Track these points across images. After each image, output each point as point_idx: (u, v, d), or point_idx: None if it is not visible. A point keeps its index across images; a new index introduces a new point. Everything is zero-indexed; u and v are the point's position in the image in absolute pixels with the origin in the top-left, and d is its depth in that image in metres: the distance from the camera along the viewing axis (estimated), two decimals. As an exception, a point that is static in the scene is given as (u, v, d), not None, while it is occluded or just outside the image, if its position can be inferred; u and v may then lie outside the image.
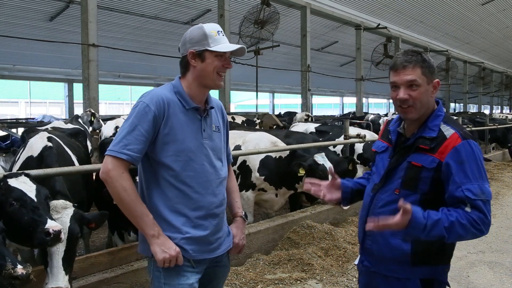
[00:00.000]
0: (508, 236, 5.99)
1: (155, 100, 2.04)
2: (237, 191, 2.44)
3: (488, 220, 1.82)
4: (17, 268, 2.14)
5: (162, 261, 2.01)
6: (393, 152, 2.05)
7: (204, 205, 2.11)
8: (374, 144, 2.23)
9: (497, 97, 42.15)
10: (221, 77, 2.14)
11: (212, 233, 2.14)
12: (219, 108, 2.31)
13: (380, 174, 2.06)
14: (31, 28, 15.89)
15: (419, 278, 1.96)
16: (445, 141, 1.90)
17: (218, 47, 2.07)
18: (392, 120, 2.20)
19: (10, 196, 2.63)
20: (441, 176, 1.88)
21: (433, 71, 1.96)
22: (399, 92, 1.95)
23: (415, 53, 1.97)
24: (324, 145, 6.58)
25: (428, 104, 1.98)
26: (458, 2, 21.01)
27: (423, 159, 1.92)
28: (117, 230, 4.30)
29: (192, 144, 2.08)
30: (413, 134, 2.00)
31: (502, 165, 11.87)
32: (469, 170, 1.85)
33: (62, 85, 25.55)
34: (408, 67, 1.93)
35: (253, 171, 5.44)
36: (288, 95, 40.40)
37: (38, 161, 3.44)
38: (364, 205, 2.12)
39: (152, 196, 2.09)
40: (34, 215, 2.56)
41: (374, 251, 2.04)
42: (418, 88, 1.92)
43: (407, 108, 1.95)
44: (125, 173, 1.99)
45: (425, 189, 1.91)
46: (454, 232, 1.80)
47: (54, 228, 2.46)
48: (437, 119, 1.97)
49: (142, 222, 2.01)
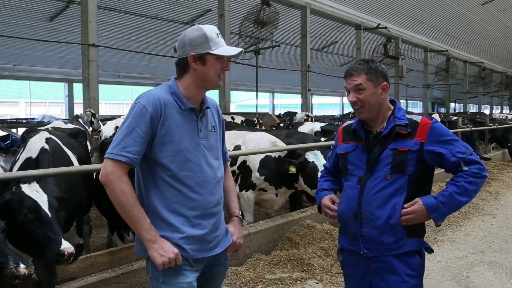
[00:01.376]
0: (508, 236, 5.99)
1: (152, 101, 2.04)
2: (233, 191, 2.45)
3: (482, 165, 2.19)
4: (20, 267, 2.15)
5: (161, 265, 2.02)
6: (366, 146, 2.29)
7: (202, 205, 2.11)
8: (340, 148, 2.44)
9: (497, 97, 42.14)
10: (221, 78, 2.17)
11: (210, 232, 2.15)
12: (215, 107, 2.32)
13: (360, 168, 2.29)
14: (31, 28, 15.88)
15: (414, 249, 2.22)
16: (418, 125, 2.22)
17: (220, 50, 2.08)
18: (349, 124, 2.46)
19: (24, 204, 2.64)
20: (424, 157, 2.19)
21: (380, 75, 2.24)
22: (349, 96, 2.27)
23: (363, 62, 2.28)
24: (324, 145, 6.58)
25: (379, 104, 2.27)
26: (458, 2, 21.01)
27: (406, 144, 2.20)
28: (116, 230, 4.31)
29: (189, 145, 2.09)
30: (383, 127, 2.27)
31: (502, 165, 11.88)
32: (449, 139, 2.20)
33: (62, 85, 25.57)
34: (354, 74, 2.24)
35: (253, 171, 5.44)
36: (288, 95, 40.40)
37: (37, 163, 3.44)
38: (350, 197, 2.29)
39: (150, 196, 2.10)
40: (48, 231, 2.58)
41: (372, 236, 2.22)
42: (363, 91, 2.23)
43: (359, 109, 2.26)
44: (124, 176, 2.00)
45: (412, 170, 2.20)
46: (468, 191, 2.14)
47: (68, 250, 2.51)
48: (400, 111, 2.30)
49: (139, 226, 2.01)
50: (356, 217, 2.24)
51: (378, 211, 2.20)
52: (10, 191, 2.76)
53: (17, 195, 2.70)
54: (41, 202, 2.70)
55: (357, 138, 2.35)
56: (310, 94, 17.45)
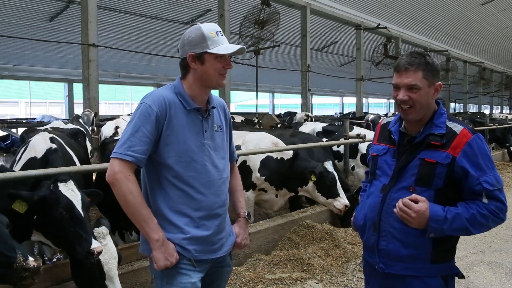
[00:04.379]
0: (508, 236, 5.99)
1: (157, 101, 2.04)
2: (241, 190, 2.43)
3: (505, 206, 1.92)
4: (29, 260, 2.22)
5: (163, 267, 2.02)
6: (397, 151, 2.07)
7: (206, 205, 2.10)
8: (372, 148, 2.25)
9: (497, 97, 42.15)
10: (223, 77, 2.13)
11: (214, 233, 2.14)
12: (221, 106, 2.30)
13: (387, 174, 2.08)
14: (31, 28, 15.88)
15: (441, 275, 2.00)
16: (456, 137, 1.96)
17: (217, 49, 2.06)
18: (388, 123, 2.23)
19: (60, 202, 2.77)
20: (454, 172, 1.94)
21: (436, 74, 2.00)
22: (400, 93, 2.00)
23: (419, 56, 1.99)
24: (325, 145, 6.59)
25: (429, 106, 2.02)
26: (458, 2, 21.00)
27: (437, 155, 1.96)
28: (118, 230, 4.31)
29: (194, 145, 2.08)
30: (419, 133, 2.03)
31: (502, 165, 11.89)
32: (483, 163, 1.93)
33: (62, 85, 25.56)
34: (410, 69, 1.96)
35: (253, 171, 5.44)
36: (288, 95, 40.40)
37: (42, 163, 3.44)
38: (371, 206, 2.10)
39: (155, 196, 2.10)
40: (81, 230, 2.72)
41: (391, 251, 2.03)
42: (418, 91, 1.97)
43: (408, 109, 2.00)
44: (131, 176, 1.99)
45: (440, 185, 1.96)
46: (476, 222, 1.90)
47: (97, 250, 2.65)
48: (442, 117, 2.03)
49: (147, 226, 2.01)
50: (375, 228, 2.07)
51: (398, 224, 1.99)
52: (47, 188, 2.85)
53: (54, 193, 2.80)
54: (75, 201, 2.81)
55: (391, 141, 2.12)
56: (310, 94, 17.45)
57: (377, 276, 2.12)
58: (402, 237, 2.00)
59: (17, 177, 3.03)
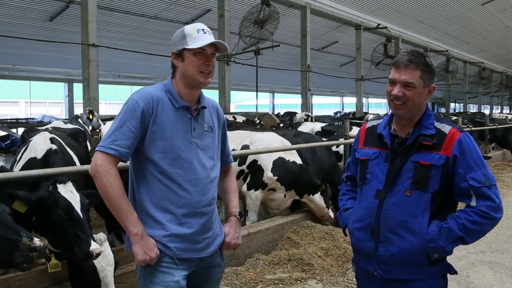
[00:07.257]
0: (508, 236, 5.99)
1: (144, 97, 2.06)
2: (235, 191, 2.42)
3: (496, 203, 1.90)
4: (34, 240, 2.26)
5: (141, 262, 2.03)
6: (390, 155, 2.06)
7: (191, 203, 2.09)
8: (360, 152, 2.20)
9: (497, 97, 42.15)
10: (206, 75, 2.10)
11: (198, 232, 2.11)
12: (214, 108, 2.29)
13: (380, 179, 2.06)
14: (31, 28, 15.89)
15: (441, 275, 2.05)
16: (445, 137, 1.97)
17: (194, 44, 2.06)
18: (374, 126, 2.20)
19: (59, 204, 2.77)
20: (449, 172, 1.95)
21: (432, 76, 2.02)
22: (395, 88, 2.01)
23: (420, 55, 2.01)
24: (327, 145, 6.59)
25: (420, 106, 2.04)
26: (458, 2, 21.01)
27: (430, 157, 1.96)
28: (114, 230, 4.29)
29: (181, 142, 2.08)
30: (409, 134, 2.04)
31: (502, 165, 11.88)
32: (471, 160, 1.93)
33: (62, 85, 25.59)
34: (409, 67, 1.98)
35: (265, 170, 5.37)
36: (288, 95, 40.42)
37: (43, 164, 3.42)
38: (366, 212, 2.08)
39: (140, 191, 2.10)
40: (79, 231, 2.71)
41: (390, 257, 2.02)
42: (413, 89, 1.98)
43: (400, 105, 2.00)
44: (112, 169, 1.99)
45: (436, 187, 1.96)
46: (468, 231, 1.92)
47: (96, 251, 2.64)
48: (429, 118, 2.05)
49: (126, 219, 2.02)
50: (373, 235, 2.04)
51: (396, 229, 1.99)
52: (46, 189, 2.84)
53: (53, 195, 2.80)
54: (74, 203, 2.80)
55: (382, 145, 2.10)
56: (310, 94, 17.47)
57: (374, 282, 2.10)
58: (400, 243, 1.99)
59: (17, 177, 3.03)
